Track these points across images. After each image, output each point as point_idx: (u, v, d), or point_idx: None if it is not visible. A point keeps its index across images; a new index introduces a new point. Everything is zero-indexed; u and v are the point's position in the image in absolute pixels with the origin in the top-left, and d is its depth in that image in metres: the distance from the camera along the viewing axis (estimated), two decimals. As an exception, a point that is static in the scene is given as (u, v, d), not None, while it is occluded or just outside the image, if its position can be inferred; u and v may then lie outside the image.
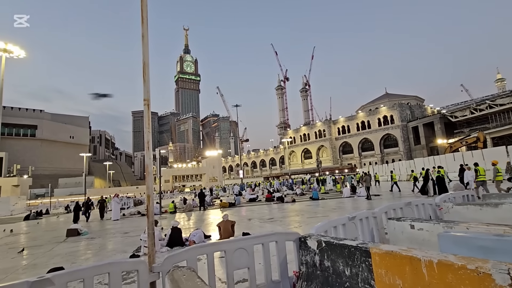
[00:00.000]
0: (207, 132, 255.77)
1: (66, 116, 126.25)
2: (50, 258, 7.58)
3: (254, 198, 23.21)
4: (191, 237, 7.77)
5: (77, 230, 11.09)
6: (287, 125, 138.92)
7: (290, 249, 3.34)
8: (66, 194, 67.76)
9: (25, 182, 54.03)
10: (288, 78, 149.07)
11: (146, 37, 3.15)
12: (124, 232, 11.34)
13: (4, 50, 31.10)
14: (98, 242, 9.68)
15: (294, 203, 17.96)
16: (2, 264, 7.38)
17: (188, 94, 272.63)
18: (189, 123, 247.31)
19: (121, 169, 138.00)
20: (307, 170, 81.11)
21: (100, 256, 7.63)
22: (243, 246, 3.09)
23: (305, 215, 12.20)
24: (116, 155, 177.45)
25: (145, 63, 3.08)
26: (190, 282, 2.01)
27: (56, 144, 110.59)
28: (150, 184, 3.00)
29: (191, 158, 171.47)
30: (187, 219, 14.52)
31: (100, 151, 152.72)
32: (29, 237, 12.81)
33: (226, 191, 41.79)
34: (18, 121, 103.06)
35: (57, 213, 29.41)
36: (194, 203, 20.91)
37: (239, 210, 16.62)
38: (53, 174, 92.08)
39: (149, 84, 3.10)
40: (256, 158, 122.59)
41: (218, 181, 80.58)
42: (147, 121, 3.02)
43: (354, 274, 2.46)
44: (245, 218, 12.77)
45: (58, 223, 18.17)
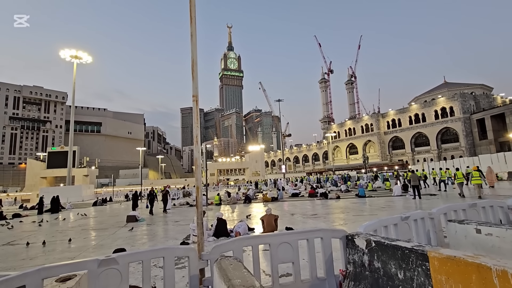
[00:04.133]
0: (250, 127, 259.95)
1: (125, 114, 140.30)
2: (114, 240, 8.53)
3: (297, 193, 23.00)
4: (236, 229, 8.03)
5: (135, 216, 12.28)
6: (331, 120, 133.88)
7: (336, 247, 3.24)
8: (125, 184, 75.26)
9: (93, 172, 61.73)
10: (332, 71, 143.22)
11: (194, 36, 3.30)
12: (175, 221, 12.22)
13: (75, 57, 35.52)
14: (153, 229, 10.59)
15: (339, 200, 17.35)
16: (77, 243, 8.54)
17: (231, 90, 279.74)
18: (232, 118, 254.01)
19: (171, 162, 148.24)
20: (352, 166, 77.43)
21: (154, 241, 8.34)
22: (288, 241, 3.09)
23: (351, 213, 11.70)
24: (167, 149, 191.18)
25: (193, 61, 3.23)
26: (237, 271, 2.08)
27: (117, 139, 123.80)
28: (199, 176, 3.16)
29: (235, 153, 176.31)
30: (231, 212, 15.02)
31: (153, 145, 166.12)
32: (97, 221, 14.56)
33: (267, 186, 42.15)
34: (86, 119, 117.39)
35: (119, 200, 32.89)
36: (238, 196, 21.53)
37: (282, 205, 16.63)
38: (115, 166, 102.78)
39: (197, 81, 3.25)
40: (298, 153, 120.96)
41: (261, 176, 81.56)
42: (195, 117, 3.17)
43: (408, 278, 2.28)
44: (287, 213, 12.74)
45: (120, 210, 20.28)
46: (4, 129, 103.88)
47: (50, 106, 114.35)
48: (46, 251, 7.59)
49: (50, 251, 7.63)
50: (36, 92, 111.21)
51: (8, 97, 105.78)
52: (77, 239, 9.18)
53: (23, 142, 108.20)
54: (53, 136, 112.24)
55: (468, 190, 17.87)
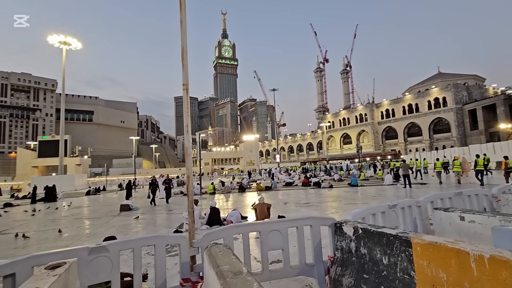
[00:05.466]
0: (244, 116, 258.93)
1: (117, 102, 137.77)
2: (107, 229, 8.56)
3: (291, 183, 23.24)
4: (228, 217, 8.12)
5: (128, 205, 12.29)
6: (326, 109, 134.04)
7: (325, 234, 3.32)
8: (119, 173, 74.89)
9: (86, 162, 61.06)
10: (327, 60, 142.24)
11: (184, 22, 3.22)
12: (169, 210, 12.28)
13: (64, 43, 34.44)
14: (147, 217, 10.63)
15: (332, 189, 17.61)
16: (70, 232, 8.54)
17: (226, 79, 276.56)
18: (227, 107, 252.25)
19: (165, 151, 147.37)
20: (346, 156, 78.30)
21: (148, 230, 8.39)
22: (278, 228, 3.15)
23: (343, 201, 11.92)
24: (161, 139, 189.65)
25: (183, 49, 3.17)
26: (226, 258, 2.13)
27: (109, 128, 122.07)
28: (189, 166, 3.16)
29: (229, 142, 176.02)
30: (225, 200, 15.13)
31: (147, 134, 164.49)
32: (90, 210, 14.55)
33: (262, 175, 42.45)
34: (78, 107, 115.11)
35: (112, 190, 32.78)
36: (232, 185, 21.66)
37: (276, 194, 16.81)
38: (108, 155, 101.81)
39: (187, 69, 3.20)
40: (293, 142, 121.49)
41: (255, 165, 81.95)
42: (186, 106, 3.14)
43: (392, 264, 2.36)
44: (281, 202, 12.91)
45: (113, 199, 20.26)
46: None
47: (40, 94, 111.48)
48: (38, 240, 7.59)
49: (43, 240, 7.64)
50: (25, 79, 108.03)
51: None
52: (70, 228, 9.18)
53: (13, 131, 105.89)
54: (43, 125, 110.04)
55: (447, 177, 18.82)
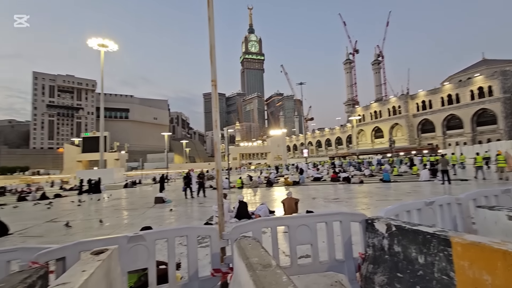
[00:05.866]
0: (271, 111, 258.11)
1: (150, 100, 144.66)
2: (143, 220, 9.09)
3: (319, 178, 22.85)
4: (256, 211, 8.22)
5: (162, 198, 12.95)
6: (356, 102, 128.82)
7: (356, 231, 3.23)
8: (153, 167, 78.88)
9: (123, 156, 65.27)
10: (357, 50, 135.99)
11: (212, 19, 3.28)
12: (199, 203, 12.73)
13: (102, 45, 36.73)
14: (179, 210, 11.10)
15: (362, 185, 17.02)
16: (110, 221, 9.22)
17: (253, 74, 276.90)
18: (254, 103, 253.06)
19: (195, 147, 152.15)
20: (377, 150, 74.95)
21: (180, 221, 8.78)
22: (306, 223, 3.13)
23: (374, 198, 11.48)
24: (191, 134, 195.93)
25: (211, 45, 3.23)
26: (255, 251, 2.16)
27: (143, 124, 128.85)
28: (218, 160, 3.24)
29: (257, 137, 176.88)
30: (253, 195, 15.31)
31: (178, 130, 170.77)
32: (128, 201, 15.55)
33: (289, 170, 42.22)
34: (115, 106, 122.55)
35: (147, 183, 34.67)
36: (260, 180, 21.81)
37: (303, 189, 16.65)
38: (143, 150, 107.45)
39: (215, 66, 3.26)
40: (321, 137, 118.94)
41: (283, 160, 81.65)
42: (214, 101, 3.21)
43: (429, 263, 2.24)
44: (309, 197, 12.76)
45: (148, 192, 21.42)
46: (43, 116, 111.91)
47: (82, 94, 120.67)
48: (83, 228, 8.29)
49: (87, 228, 8.33)
50: (69, 80, 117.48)
51: (44, 86, 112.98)
52: (111, 218, 9.90)
53: (60, 128, 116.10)
54: (85, 122, 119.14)
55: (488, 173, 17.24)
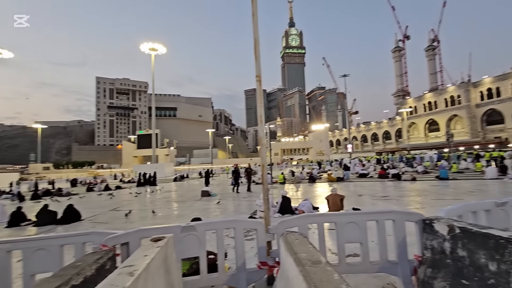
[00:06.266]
0: (313, 105, 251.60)
1: (195, 98, 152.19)
2: (192, 212, 9.66)
3: (365, 174, 21.71)
4: (300, 207, 8.14)
5: (208, 192, 13.58)
6: (406, 93, 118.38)
7: (410, 231, 3.00)
8: (198, 162, 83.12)
9: (172, 152, 70.06)
10: (408, 37, 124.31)
11: (256, 15, 3.29)
12: (243, 197, 13.06)
13: (152, 49, 39.59)
14: (223, 203, 11.53)
15: (414, 182, 15.71)
16: (162, 212, 9.98)
17: (293, 69, 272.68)
18: (295, 97, 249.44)
19: (237, 142, 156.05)
20: (432, 145, 68.31)
21: (225, 214, 9.12)
22: (355, 221, 3.00)
23: (429, 196, 10.51)
24: (233, 131, 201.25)
25: (256, 41, 3.25)
26: (302, 246, 2.14)
27: (190, 122, 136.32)
28: (263, 155, 3.28)
29: (298, 132, 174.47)
30: (296, 190, 15.17)
31: (221, 127, 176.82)
32: (177, 194, 16.64)
33: (332, 166, 40.88)
34: (164, 105, 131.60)
35: (194, 177, 36.68)
36: (302, 175, 21.53)
37: (348, 185, 15.99)
38: (189, 146, 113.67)
39: (260, 61, 3.28)
40: (366, 131, 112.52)
41: (325, 155, 79.32)
42: (259, 97, 3.24)
43: (503, 271, 1.98)
44: (354, 194, 12.21)
45: (195, 185, 22.65)
46: (104, 116, 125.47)
47: (136, 95, 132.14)
48: (140, 217, 9.12)
49: (143, 217, 9.13)
50: (125, 83, 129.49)
51: (105, 89, 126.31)
52: (163, 209, 10.72)
53: (118, 127, 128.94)
54: (140, 121, 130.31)
55: None
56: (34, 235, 7.69)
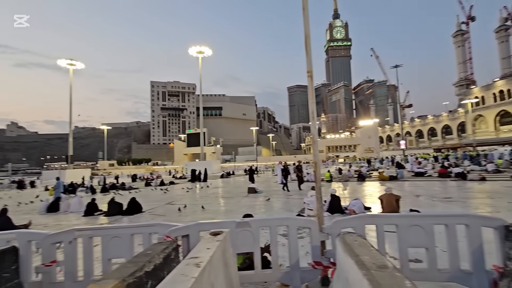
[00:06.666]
0: (360, 100, 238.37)
1: (239, 97, 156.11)
2: (239, 208, 9.93)
3: (422, 173, 19.85)
4: (350, 206, 7.80)
5: (254, 188, 13.82)
6: (471, 82, 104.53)
7: (487, 238, 2.65)
8: (243, 160, 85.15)
9: (218, 150, 73.02)
10: (473, 18, 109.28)
11: (306, 9, 3.22)
12: (288, 195, 12.99)
13: (200, 52, 41.56)
14: (270, 200, 11.61)
15: (484, 182, 13.86)
16: (212, 207, 10.45)
17: (338, 62, 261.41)
18: (340, 92, 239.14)
19: (281, 140, 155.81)
20: (504, 140, 59.34)
21: (271, 211, 9.17)
22: (420, 224, 2.75)
23: (504, 199, 9.17)
24: (277, 128, 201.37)
25: (306, 35, 3.18)
26: (364, 248, 2.04)
27: (234, 120, 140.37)
28: (316, 152, 3.20)
29: (344, 129, 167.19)
30: (343, 189, 14.57)
31: (264, 124, 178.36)
32: (224, 190, 17.27)
33: (383, 163, 38.27)
34: (210, 105, 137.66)
35: (239, 174, 37.68)
36: (350, 173, 20.59)
37: (402, 185, 14.81)
38: (234, 144, 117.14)
39: (311, 56, 3.20)
40: (422, 126, 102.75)
41: (375, 152, 74.60)
42: (310, 92, 3.17)
43: None
44: (410, 194, 11.25)
45: (240, 182, 23.24)
46: (158, 117, 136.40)
47: (185, 96, 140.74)
48: (192, 212, 9.68)
49: (195, 211, 9.67)
50: (175, 86, 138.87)
51: (158, 92, 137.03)
52: (212, 204, 11.22)
53: (170, 127, 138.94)
54: (189, 121, 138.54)
55: None
56: (105, 223, 8.73)
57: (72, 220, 9.59)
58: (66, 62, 37.67)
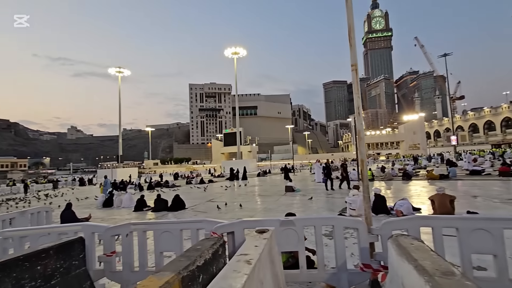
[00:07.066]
0: (403, 93, 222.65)
1: (274, 96, 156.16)
2: (278, 206, 9.91)
3: (478, 171, 17.88)
4: (397, 207, 7.32)
5: (292, 187, 13.70)
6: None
7: None
8: (279, 158, 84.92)
9: (254, 149, 73.85)
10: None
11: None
12: (328, 194, 12.63)
13: (235, 53, 42.40)
14: (313, 199, 11.36)
15: (561, 183, 12.02)
16: (250, 205, 10.58)
17: (378, 55, 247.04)
18: (380, 86, 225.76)
19: (317, 138, 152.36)
20: None
21: (310, 211, 8.96)
22: (487, 228, 2.47)
23: None
24: (312, 126, 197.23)
25: (350, 27, 3.05)
26: (422, 252, 1.89)
27: (269, 119, 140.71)
28: (362, 149, 3.05)
29: (385, 125, 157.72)
30: (387, 188, 13.76)
31: (300, 122, 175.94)
32: (262, 189, 17.39)
33: (431, 161, 35.29)
34: (245, 104, 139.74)
35: (275, 173, 37.67)
36: (394, 172, 19.36)
37: (455, 184, 13.49)
38: (269, 143, 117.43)
39: (355, 49, 3.06)
40: (476, 119, 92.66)
41: (421, 149, 69.18)
42: (356, 87, 3.03)
43: None
44: (465, 195, 10.20)
45: (277, 181, 23.20)
46: (196, 118, 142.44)
47: (221, 97, 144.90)
48: (231, 209, 9.91)
49: (233, 209, 9.88)
50: (212, 87, 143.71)
51: (196, 94, 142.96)
52: (250, 202, 11.37)
53: (208, 127, 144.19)
54: (225, 121, 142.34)
55: None
56: (152, 218, 9.35)
57: (124, 214, 10.45)
58: (115, 70, 41.20)
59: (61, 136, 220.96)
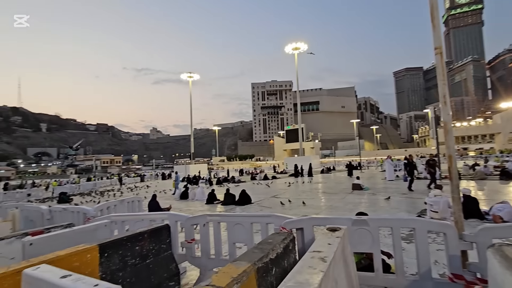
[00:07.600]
0: (498, 76, 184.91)
1: (336, 89, 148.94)
2: (345, 205, 9.45)
3: None
4: (494, 211, 6.18)
5: (360, 185, 12.88)
6: None
7: None
8: (344, 155, 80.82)
9: (317, 145, 71.89)
10: None
11: (432, -25, 2.71)
12: (402, 193, 11.45)
13: (295, 48, 41.88)
14: (379, 198, 10.54)
15: None
16: (314, 203, 10.36)
17: (463, 34, 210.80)
18: (467, 70, 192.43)
19: (386, 132, 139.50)
20: None
21: (381, 211, 8.25)
22: None
23: None
24: (381, 119, 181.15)
25: (432, 6, 2.68)
26: (538, 267, 1.56)
27: (332, 114, 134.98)
28: (451, 144, 2.68)
29: (473, 114, 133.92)
30: (479, 189, 11.72)
31: (366, 116, 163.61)
32: (326, 186, 16.82)
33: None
34: (307, 100, 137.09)
35: (340, 169, 35.97)
36: (487, 169, 16.36)
37: None
38: (333, 139, 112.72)
39: (439, 30, 2.69)
40: None
41: (527, 143, 56.51)
42: (441, 73, 2.66)
43: None
44: None
45: (342, 178, 22.11)
46: (259, 116, 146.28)
47: (282, 94, 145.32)
48: (295, 206, 9.87)
49: (297, 206, 9.80)
50: (273, 85, 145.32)
51: (258, 93, 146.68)
52: (314, 200, 11.13)
53: (270, 124, 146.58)
54: (287, 118, 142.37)
55: None
56: (222, 211, 10.03)
57: (198, 206, 11.49)
58: (186, 75, 45.35)
59: (145, 136, 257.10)
